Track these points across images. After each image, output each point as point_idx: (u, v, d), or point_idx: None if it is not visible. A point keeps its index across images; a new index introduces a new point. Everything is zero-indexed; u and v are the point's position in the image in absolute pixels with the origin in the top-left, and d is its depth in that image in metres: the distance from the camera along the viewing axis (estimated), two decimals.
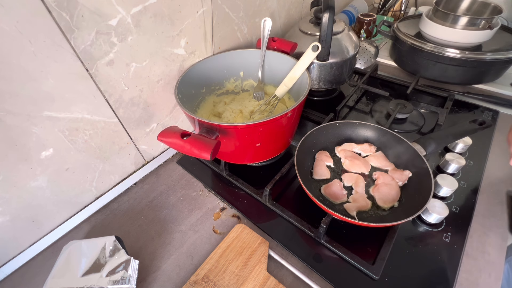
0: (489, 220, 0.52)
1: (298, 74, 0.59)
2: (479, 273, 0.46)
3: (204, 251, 0.51)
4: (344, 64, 0.72)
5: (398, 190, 0.53)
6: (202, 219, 0.56)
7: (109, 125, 0.54)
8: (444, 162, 0.59)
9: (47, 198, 0.51)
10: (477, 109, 0.77)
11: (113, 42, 0.47)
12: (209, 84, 0.68)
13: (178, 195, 0.61)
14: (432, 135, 0.56)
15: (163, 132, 0.43)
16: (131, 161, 0.63)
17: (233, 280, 0.46)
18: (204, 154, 0.41)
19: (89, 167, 0.55)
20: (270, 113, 0.66)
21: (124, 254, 0.45)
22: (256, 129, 0.48)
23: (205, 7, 0.59)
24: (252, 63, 0.68)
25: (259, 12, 0.75)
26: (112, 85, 0.51)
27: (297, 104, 0.49)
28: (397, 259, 0.47)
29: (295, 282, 0.46)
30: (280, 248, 0.51)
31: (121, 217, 0.57)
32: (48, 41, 0.40)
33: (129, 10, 0.47)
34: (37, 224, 0.52)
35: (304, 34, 0.71)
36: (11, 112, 0.41)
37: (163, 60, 0.57)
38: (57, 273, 0.43)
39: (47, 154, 0.47)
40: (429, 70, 0.81)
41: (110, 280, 0.42)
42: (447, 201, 0.55)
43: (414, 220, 0.52)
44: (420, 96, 0.82)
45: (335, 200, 0.53)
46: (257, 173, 0.64)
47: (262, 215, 0.55)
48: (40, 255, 0.52)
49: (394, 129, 0.61)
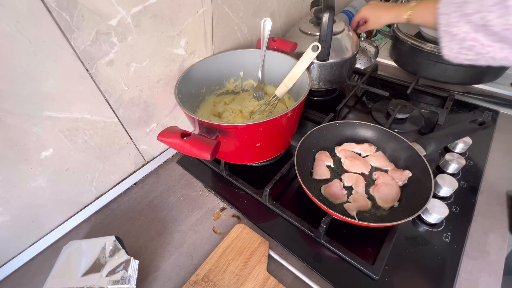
0: (489, 220, 0.52)
1: (298, 74, 0.59)
2: (479, 273, 0.46)
3: (204, 251, 0.51)
4: (344, 64, 0.72)
5: (398, 190, 0.53)
6: (202, 219, 0.56)
7: (109, 125, 0.54)
8: (444, 162, 0.59)
9: (47, 198, 0.51)
10: (477, 109, 0.77)
11: (113, 42, 0.47)
12: (209, 84, 0.68)
13: (178, 195, 0.61)
14: (432, 135, 0.56)
15: (163, 132, 0.43)
16: (131, 161, 0.63)
17: (233, 280, 0.46)
18: (204, 154, 0.41)
19: (89, 167, 0.55)
20: (270, 113, 0.66)
21: (124, 254, 0.45)
22: (256, 129, 0.48)
23: (205, 7, 0.59)
24: (252, 63, 0.68)
25: (259, 12, 0.75)
26: (112, 85, 0.51)
27: (297, 104, 0.49)
28: (397, 259, 0.47)
29: (295, 282, 0.46)
30: (280, 248, 0.51)
31: (121, 217, 0.57)
32: (48, 41, 0.40)
33: (129, 10, 0.47)
34: (37, 224, 0.52)
35: (304, 34, 0.71)
36: (11, 112, 0.41)
37: (163, 60, 0.57)
38: (57, 273, 0.43)
39: (47, 154, 0.47)
40: (429, 70, 0.81)
41: (110, 280, 0.42)
42: (447, 201, 0.55)
43: (414, 220, 0.52)
44: (420, 96, 0.82)
45: (335, 200, 0.53)
46: (257, 173, 0.64)
47: (262, 215, 0.55)
48: (40, 255, 0.52)
49: (394, 129, 0.61)
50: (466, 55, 0.50)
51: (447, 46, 0.52)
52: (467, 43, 0.48)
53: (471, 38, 0.48)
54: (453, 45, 0.51)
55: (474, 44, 0.48)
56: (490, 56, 0.47)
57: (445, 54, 0.53)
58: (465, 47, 0.49)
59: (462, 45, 0.49)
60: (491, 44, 0.46)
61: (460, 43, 0.49)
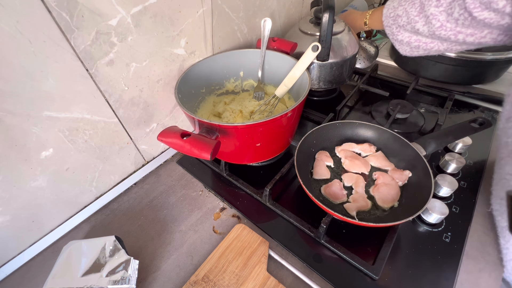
0: (489, 220, 0.52)
1: (298, 74, 0.59)
2: (479, 273, 0.46)
3: (204, 251, 0.51)
4: (344, 64, 0.72)
5: (398, 190, 0.53)
6: (202, 219, 0.56)
7: (109, 125, 0.54)
8: (444, 162, 0.59)
9: (47, 198, 0.51)
10: (477, 109, 0.77)
11: (113, 42, 0.47)
12: (209, 84, 0.68)
13: (178, 195, 0.61)
14: (432, 135, 0.56)
15: (163, 132, 0.43)
16: (131, 161, 0.63)
17: (233, 280, 0.46)
18: (204, 154, 0.41)
19: (89, 167, 0.55)
20: (270, 113, 0.66)
21: (124, 254, 0.45)
22: (256, 129, 0.48)
23: (205, 7, 0.59)
24: (252, 63, 0.68)
25: (259, 12, 0.75)
26: (112, 85, 0.51)
27: (297, 104, 0.49)
28: (397, 259, 0.47)
29: (295, 282, 0.46)
30: (280, 248, 0.51)
31: (121, 217, 0.57)
32: (48, 41, 0.40)
33: (129, 10, 0.47)
34: (37, 224, 0.52)
35: (304, 34, 0.71)
36: (11, 112, 0.41)
37: (163, 60, 0.57)
38: (57, 273, 0.43)
39: (47, 154, 0.47)
40: (429, 70, 0.81)
41: (110, 280, 0.42)
42: (447, 201, 0.55)
43: (414, 220, 0.52)
44: (420, 96, 0.82)
45: (335, 200, 0.53)
46: (257, 173, 0.64)
47: (262, 215, 0.55)
48: (40, 255, 0.52)
49: (394, 129, 0.61)
50: (417, 52, 0.59)
51: (400, 48, 0.62)
52: (413, 44, 0.58)
53: (414, 40, 0.57)
54: (404, 47, 0.61)
55: (419, 44, 0.57)
56: (435, 50, 0.56)
57: (402, 53, 0.62)
58: (414, 47, 0.58)
59: (411, 46, 0.59)
60: (432, 41, 0.54)
61: (408, 45, 0.59)
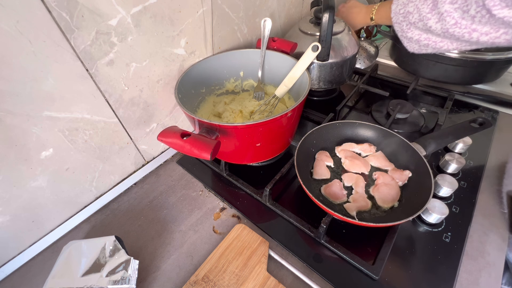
0: (489, 220, 0.52)
1: (298, 74, 0.59)
2: (479, 273, 0.46)
3: (204, 251, 0.51)
4: (344, 64, 0.72)
5: (398, 190, 0.53)
6: (202, 219, 0.56)
7: (109, 125, 0.54)
8: (444, 162, 0.59)
9: (47, 198, 0.51)
10: (477, 109, 0.77)
11: (113, 42, 0.47)
12: (209, 84, 0.68)
13: (178, 195, 0.61)
14: (432, 135, 0.56)
15: (163, 132, 0.43)
16: (131, 161, 0.63)
17: (233, 280, 0.46)
18: (204, 154, 0.41)
19: (89, 167, 0.55)
20: (270, 113, 0.66)
21: (124, 254, 0.45)
22: (256, 129, 0.48)
23: (205, 7, 0.59)
24: (252, 63, 0.68)
25: (259, 12, 0.75)
26: (112, 85, 0.51)
27: (297, 104, 0.49)
28: (397, 259, 0.47)
29: (295, 282, 0.46)
30: (280, 248, 0.51)
31: (121, 217, 0.57)
32: (48, 41, 0.40)
33: (129, 10, 0.47)
34: (37, 224, 0.52)
35: (304, 34, 0.71)
36: (11, 112, 0.41)
37: (163, 60, 0.57)
38: (57, 273, 0.43)
39: (47, 154, 0.47)
40: (429, 70, 0.81)
41: (110, 280, 0.42)
42: (447, 201, 0.55)
43: (414, 220, 0.52)
44: (420, 96, 0.82)
45: (335, 200, 0.53)
46: (257, 173, 0.64)
47: (262, 215, 0.55)
48: (40, 255, 0.52)
49: (394, 129, 0.61)
50: (426, 50, 0.58)
51: (409, 45, 0.60)
52: (423, 42, 0.56)
53: (424, 38, 0.55)
54: (413, 45, 0.59)
55: (428, 42, 0.55)
56: (444, 49, 0.55)
57: (409, 51, 0.60)
58: (423, 45, 0.57)
59: (420, 44, 0.57)
60: (442, 40, 0.53)
61: (417, 43, 0.58)
